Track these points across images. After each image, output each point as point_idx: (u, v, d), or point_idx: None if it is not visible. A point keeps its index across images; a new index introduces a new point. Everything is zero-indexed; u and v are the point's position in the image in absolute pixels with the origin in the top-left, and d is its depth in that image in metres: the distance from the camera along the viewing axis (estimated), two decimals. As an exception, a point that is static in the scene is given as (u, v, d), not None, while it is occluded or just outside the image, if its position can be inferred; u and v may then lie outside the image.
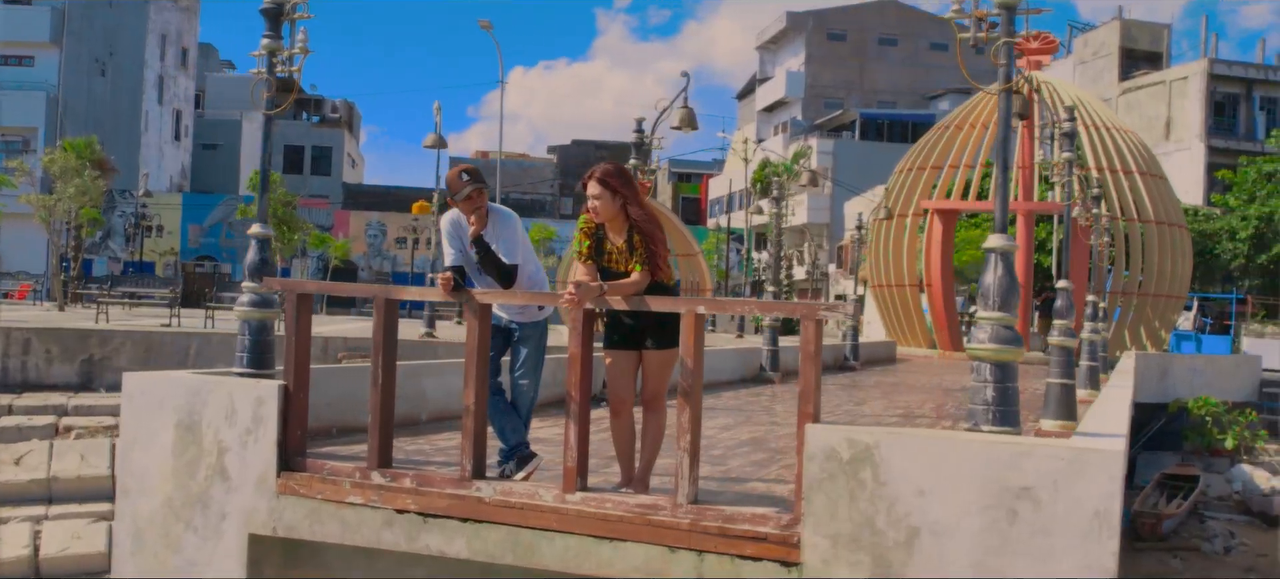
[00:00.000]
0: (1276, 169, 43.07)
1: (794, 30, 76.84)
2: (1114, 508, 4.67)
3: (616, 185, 5.53)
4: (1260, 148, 51.27)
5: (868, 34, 75.87)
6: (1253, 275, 41.77)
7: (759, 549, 5.16)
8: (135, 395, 6.53)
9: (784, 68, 77.16)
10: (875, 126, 69.76)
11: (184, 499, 6.37)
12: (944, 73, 76.08)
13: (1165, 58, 63.69)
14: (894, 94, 76.19)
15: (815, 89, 75.31)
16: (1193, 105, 56.16)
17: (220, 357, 20.20)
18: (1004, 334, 5.24)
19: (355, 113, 72.32)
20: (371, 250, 55.24)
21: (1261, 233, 41.01)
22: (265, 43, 6.79)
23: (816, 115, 73.93)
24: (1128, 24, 64.04)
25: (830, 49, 75.59)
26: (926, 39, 77.07)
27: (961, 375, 19.21)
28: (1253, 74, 57.12)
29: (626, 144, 62.22)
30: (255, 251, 6.77)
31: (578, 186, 5.76)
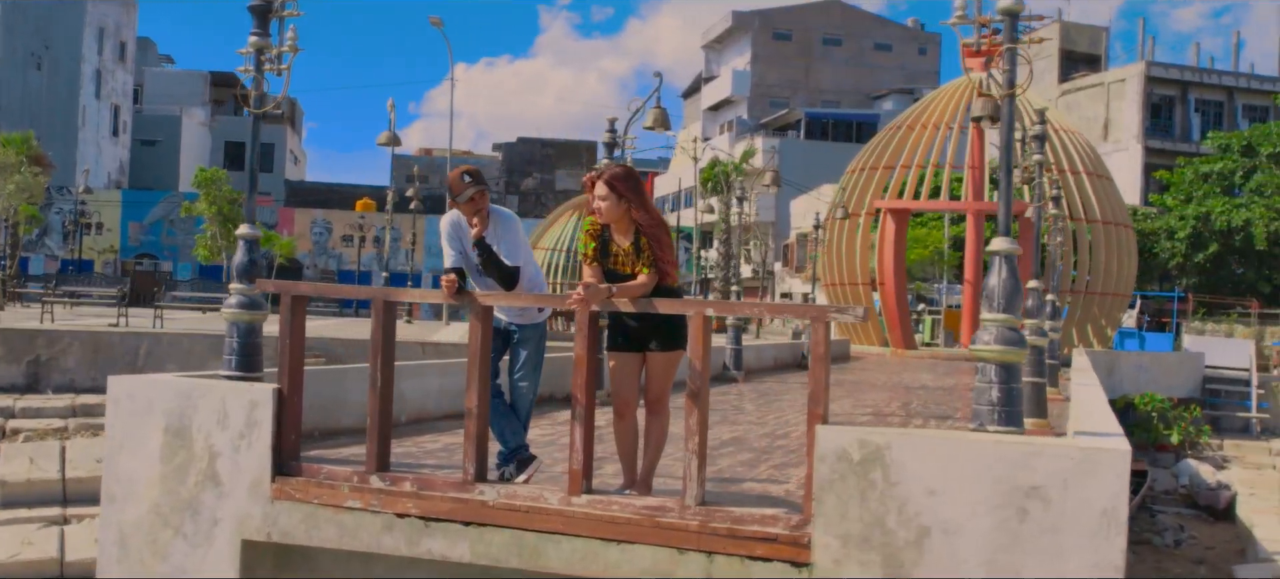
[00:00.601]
0: (1213, 170, 44.15)
1: (740, 30, 77.23)
2: (1122, 506, 4.75)
3: (623, 190, 5.51)
4: (1196, 149, 52.49)
5: (813, 34, 76.46)
6: (1190, 274, 42.76)
7: (769, 550, 5.18)
8: (121, 399, 6.40)
9: (730, 67, 77.51)
10: (820, 126, 70.34)
11: (173, 505, 6.25)
12: (887, 73, 76.98)
13: (1104, 60, 64.99)
14: (838, 94, 76.86)
15: (761, 88, 75.74)
16: (1130, 107, 57.35)
17: (171, 357, 19.86)
18: (1009, 335, 5.32)
19: (297, 109, 71.42)
20: (317, 248, 54.58)
21: (1199, 232, 42.01)
22: (253, 40, 6.68)
23: (762, 114, 74.38)
24: (1067, 26, 65.21)
25: (776, 49, 76.07)
26: (870, 39, 77.86)
27: (917, 373, 19.45)
28: (1188, 77, 58.45)
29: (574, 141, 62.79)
30: (243, 253, 6.66)
31: (582, 184, 5.73)
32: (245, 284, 6.61)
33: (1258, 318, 36.20)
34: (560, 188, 79.20)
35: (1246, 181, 42.87)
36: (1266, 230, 40.17)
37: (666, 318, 5.64)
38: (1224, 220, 41.51)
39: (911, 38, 79.13)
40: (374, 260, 53.27)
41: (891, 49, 78.16)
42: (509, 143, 79.20)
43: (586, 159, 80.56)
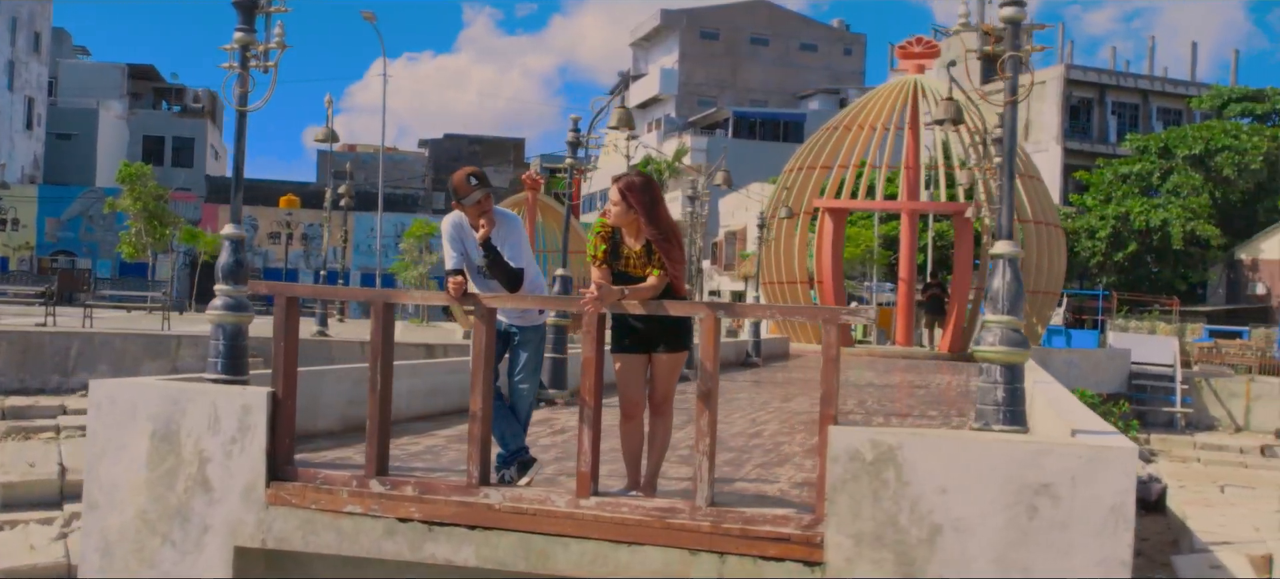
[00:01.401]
0: (1131, 171, 45.42)
1: (668, 28, 77.48)
2: (1129, 502, 4.88)
3: (633, 201, 5.51)
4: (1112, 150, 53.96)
5: (740, 34, 77.00)
6: (1109, 273, 43.94)
7: (782, 550, 5.22)
8: (104, 404, 6.22)
9: (658, 65, 77.72)
10: (748, 125, 70.88)
11: (160, 512, 6.10)
12: (813, 73, 77.82)
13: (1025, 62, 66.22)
14: (765, 93, 77.52)
15: (689, 87, 76.08)
16: (1050, 108, 58.66)
17: (102, 358, 19.38)
18: (1012, 337, 5.43)
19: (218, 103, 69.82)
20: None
21: (1118, 231, 43.19)
22: (238, 36, 6.54)
23: (690, 113, 74.72)
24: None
25: (703, 47, 76.46)
26: (796, 40, 78.64)
27: (860, 371, 19.67)
28: (1105, 80, 59.98)
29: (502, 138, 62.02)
30: (229, 253, 6.52)
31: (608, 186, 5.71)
32: (231, 285, 6.47)
33: (1178, 316, 37.33)
34: (488, 185, 78.65)
35: (1164, 182, 44.17)
36: (1183, 230, 41.43)
37: (672, 320, 5.66)
38: (1142, 220, 42.73)
39: (837, 38, 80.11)
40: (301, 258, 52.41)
41: (817, 49, 79.03)
42: (435, 139, 78.55)
43: (514, 156, 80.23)
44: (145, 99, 63.83)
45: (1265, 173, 42.60)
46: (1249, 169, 42.14)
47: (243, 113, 6.58)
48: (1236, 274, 43.68)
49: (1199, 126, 45.37)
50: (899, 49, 28.69)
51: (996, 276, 5.53)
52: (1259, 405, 24.54)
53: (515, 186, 79.26)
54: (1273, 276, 42.43)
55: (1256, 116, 47.20)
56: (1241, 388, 25.03)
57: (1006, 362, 5.43)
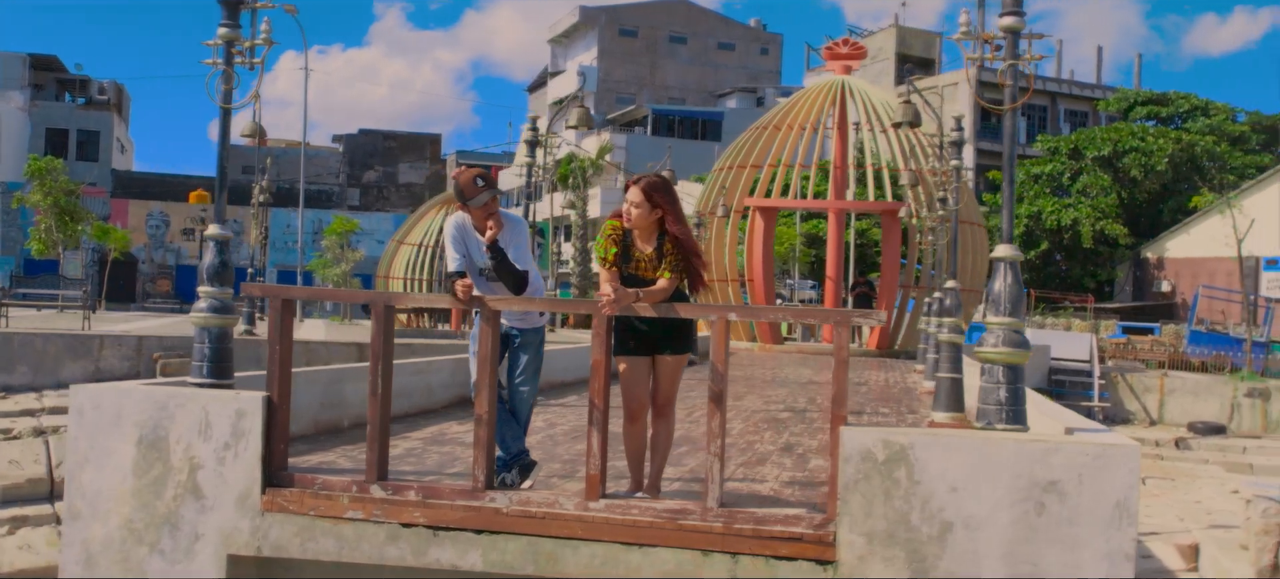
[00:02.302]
0: (1043, 172, 46.70)
1: (586, 25, 77.42)
2: (1133, 498, 5.04)
3: (659, 200, 5.52)
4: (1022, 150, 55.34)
5: (659, 32, 77.28)
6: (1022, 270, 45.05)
7: (795, 549, 5.28)
8: (86, 410, 6.03)
9: (576, 62, 77.61)
10: (666, 123, 71.16)
11: (147, 520, 5.93)
12: (730, 73, 78.46)
13: (938, 64, 67.78)
14: (683, 91, 77.93)
15: (608, 84, 76.13)
16: (962, 109, 59.97)
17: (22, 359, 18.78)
18: (1014, 338, 5.56)
19: (124, 95, 67.82)
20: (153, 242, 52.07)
21: (1030, 230, 44.37)
22: (223, 32, 6.38)
23: (609, 110, 74.75)
24: (903, 31, 67.77)
25: (622, 45, 76.57)
26: (714, 39, 79.18)
27: (795, 368, 19.87)
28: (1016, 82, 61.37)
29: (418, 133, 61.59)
30: (214, 254, 6.36)
31: (625, 188, 5.68)
32: (215, 287, 6.31)
33: (1093, 312, 38.46)
34: (403, 181, 77.85)
35: (1074, 183, 45.49)
36: (1092, 229, 42.73)
37: (677, 322, 5.69)
38: (1054, 219, 43.96)
39: (754, 38, 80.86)
40: (216, 255, 51.08)
41: (735, 48, 79.68)
42: (350, 134, 77.29)
43: (430, 152, 79.38)
44: (48, 90, 61.68)
45: (1170, 174, 44.12)
46: (1155, 170, 43.60)
47: (227, 111, 6.42)
48: (1142, 272, 45.16)
49: (1107, 129, 46.83)
50: (826, 49, 29.07)
51: (997, 279, 5.66)
52: (1172, 399, 25.39)
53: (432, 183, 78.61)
54: (1177, 274, 43.96)
55: (1161, 119, 48.88)
56: (1155, 383, 25.86)
57: (1008, 362, 5.56)
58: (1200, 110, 47.89)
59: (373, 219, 57.81)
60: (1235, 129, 47.37)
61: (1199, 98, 48.59)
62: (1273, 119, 48.76)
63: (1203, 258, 42.77)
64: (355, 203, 72.19)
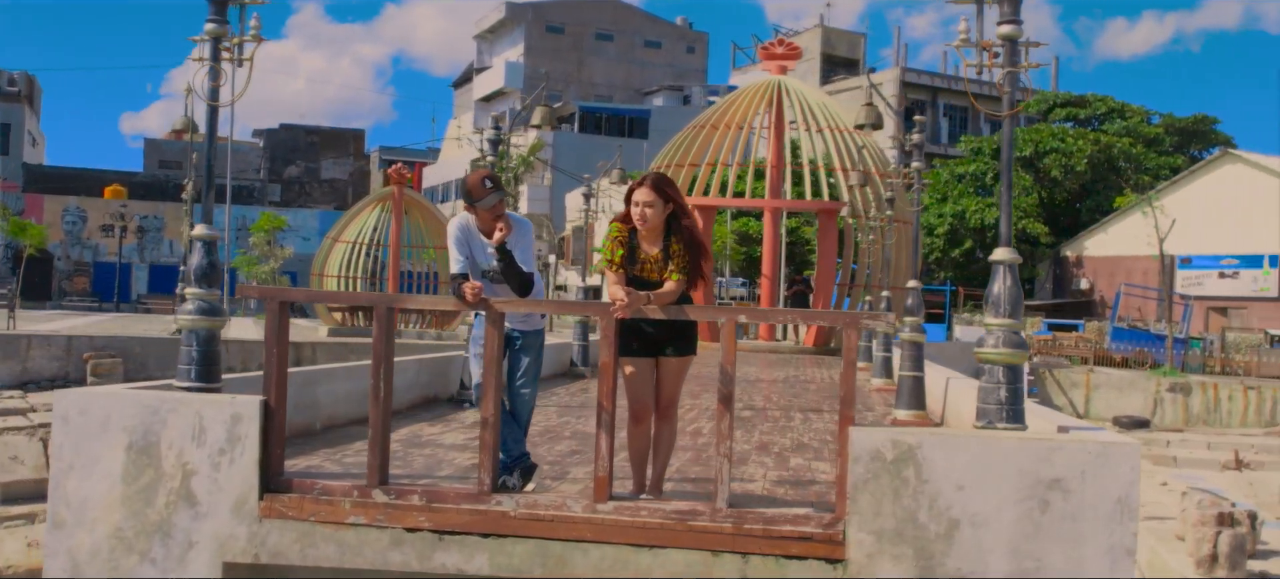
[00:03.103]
0: (966, 171, 47.66)
1: (513, 21, 77.02)
2: (1134, 494, 5.19)
3: (671, 194, 5.54)
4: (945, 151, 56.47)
5: (585, 29, 77.19)
6: (947, 268, 46.01)
7: (805, 548, 5.34)
8: (72, 416, 5.85)
9: (503, 58, 77.20)
10: (594, 120, 71.15)
11: (138, 529, 5.78)
12: (657, 71, 78.66)
13: (861, 64, 68.73)
14: (610, 88, 77.93)
15: (534, 81, 75.73)
16: (887, 110, 60.83)
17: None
18: (1013, 339, 5.68)
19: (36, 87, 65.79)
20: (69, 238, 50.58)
21: (955, 228, 45.29)
22: (210, 27, 6.25)
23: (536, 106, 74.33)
24: (828, 31, 68.59)
25: (549, 41, 76.32)
26: (641, 36, 79.32)
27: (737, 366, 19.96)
28: (938, 83, 62.67)
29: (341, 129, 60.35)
30: (202, 255, 6.22)
31: (627, 193, 5.67)
32: (204, 288, 6.17)
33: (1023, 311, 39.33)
34: (326, 177, 76.70)
35: (997, 182, 46.47)
36: (1015, 229, 43.71)
37: (681, 323, 5.71)
38: (977, 218, 44.88)
39: (680, 36, 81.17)
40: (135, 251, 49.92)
41: (661, 46, 79.90)
42: (271, 129, 75.92)
43: (353, 148, 78.30)
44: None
45: (1089, 175, 45.31)
46: (1074, 171, 44.76)
47: (214, 108, 6.28)
48: (1062, 270, 46.34)
49: (1029, 130, 47.92)
50: (761, 49, 29.33)
51: (996, 282, 5.78)
52: (1098, 394, 26.14)
53: (356, 179, 77.57)
54: (1095, 272, 45.20)
55: (1078, 121, 50.17)
56: (1082, 378, 26.61)
57: (1008, 362, 5.68)
58: (1116, 112, 49.29)
59: (298, 216, 56.85)
60: (1150, 131, 48.84)
61: (1115, 100, 49.99)
62: (1185, 121, 50.38)
63: (1120, 256, 44.05)
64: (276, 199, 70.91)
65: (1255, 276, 39.68)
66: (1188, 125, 50.09)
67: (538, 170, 62.14)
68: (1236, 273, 39.63)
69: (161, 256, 52.08)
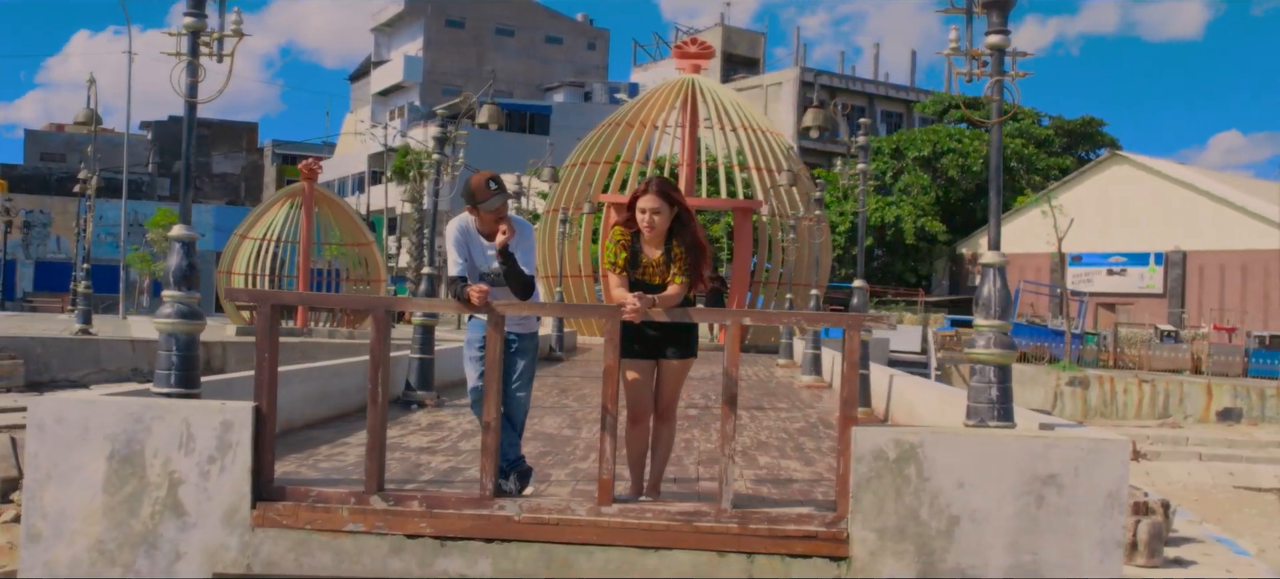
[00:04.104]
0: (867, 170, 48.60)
1: (412, 14, 75.95)
2: (1123, 489, 5.40)
3: (676, 196, 5.56)
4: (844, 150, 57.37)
5: (486, 23, 76.53)
6: (848, 265, 46.85)
7: (809, 547, 5.42)
8: (48, 424, 5.61)
9: (402, 52, 76.09)
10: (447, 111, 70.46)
11: (121, 540, 5.58)
12: (558, 67, 78.45)
13: (762, 63, 69.59)
14: (511, 84, 77.38)
15: (434, 75, 74.90)
16: (786, 109, 61.83)
17: None
18: (1003, 340, 5.85)
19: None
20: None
21: (856, 227, 46.19)
22: (188, 21, 6.05)
23: (435, 101, 73.35)
24: (729, 30, 69.24)
25: (449, 35, 75.48)
26: (542, 32, 78.96)
27: None
28: (836, 83, 63.78)
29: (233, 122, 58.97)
30: (181, 256, 6.02)
31: (629, 198, 5.66)
32: (183, 291, 5.98)
33: (924, 306, 40.30)
34: (218, 171, 74.71)
35: (896, 182, 47.55)
36: (914, 226, 44.76)
37: (681, 326, 5.74)
38: (878, 217, 45.83)
39: (581, 32, 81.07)
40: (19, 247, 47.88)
41: (562, 42, 79.67)
42: (159, 121, 73.54)
43: (246, 142, 76.42)
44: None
45: (985, 174, 46.61)
46: (971, 171, 46.03)
47: (192, 105, 6.09)
48: (958, 267, 47.61)
49: (927, 130, 49.15)
50: (676, 49, 29.52)
51: (986, 284, 5.94)
52: (1002, 388, 27.04)
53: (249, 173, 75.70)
54: (989, 269, 46.53)
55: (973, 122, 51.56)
56: (986, 372, 27.45)
57: (999, 363, 5.85)
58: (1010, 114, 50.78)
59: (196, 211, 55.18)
60: (1041, 133, 50.47)
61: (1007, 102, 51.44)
62: (1073, 123, 52.19)
63: (1014, 254, 45.42)
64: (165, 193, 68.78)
65: (1142, 274, 41.37)
66: (1076, 127, 51.93)
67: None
68: (1124, 270, 41.25)
69: (48, 253, 50.15)
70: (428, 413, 10.30)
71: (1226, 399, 26.42)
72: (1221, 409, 26.30)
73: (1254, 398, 26.21)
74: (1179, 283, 40.92)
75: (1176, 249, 39.71)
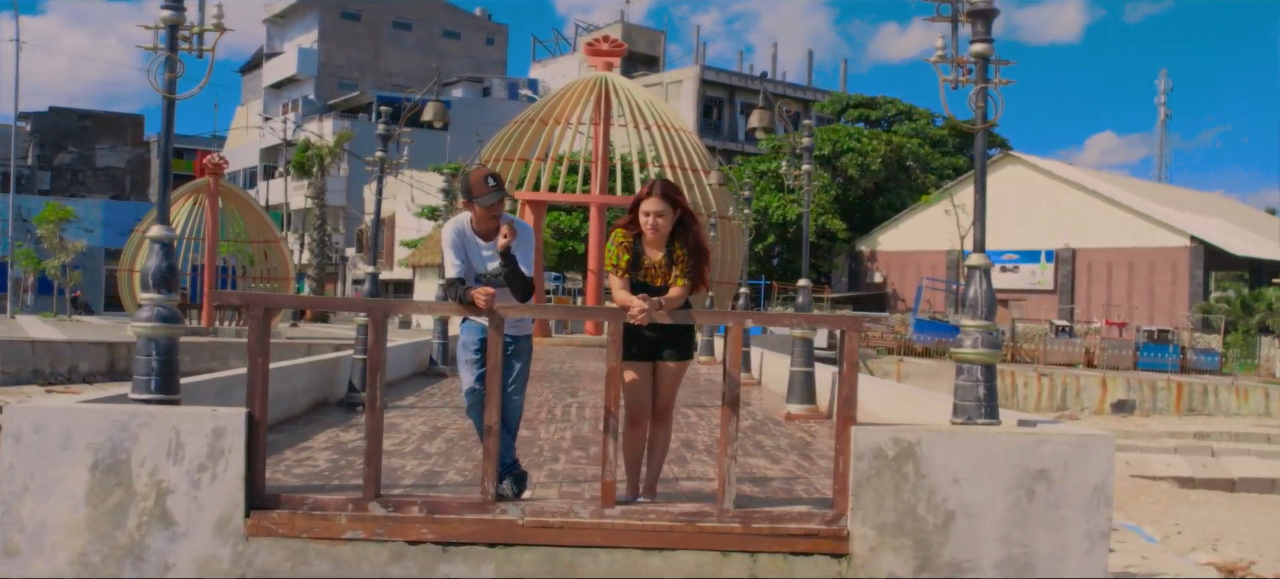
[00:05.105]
0: (768, 168, 49.27)
1: (306, 6, 74.42)
2: (1109, 482, 5.61)
3: (680, 201, 5.57)
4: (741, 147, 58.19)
5: (382, 16, 75.36)
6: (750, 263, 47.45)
7: (811, 545, 5.50)
8: (25, 433, 5.37)
9: (295, 44, 74.46)
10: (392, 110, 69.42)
11: (105, 553, 5.38)
12: (457, 61, 77.65)
13: (661, 61, 69.93)
14: (408, 78, 76.31)
15: (329, 68, 73.52)
16: (686, 106, 62.28)
17: None
18: (990, 339, 6.01)
19: None
20: None
21: (758, 225, 46.70)
22: (166, 14, 5.86)
23: (330, 95, 72.24)
24: (629, 28, 69.40)
25: (345, 28, 74.16)
26: (439, 26, 78.11)
27: (569, 361, 19.93)
28: (735, 82, 64.46)
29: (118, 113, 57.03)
30: (160, 257, 5.82)
31: (633, 202, 5.66)
32: (163, 294, 5.79)
33: (830, 303, 40.98)
34: (102, 164, 72.07)
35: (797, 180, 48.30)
36: (815, 224, 45.49)
37: (679, 328, 5.77)
38: (779, 214, 46.49)
39: (480, 27, 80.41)
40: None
41: (460, 37, 78.94)
42: (39, 112, 70.61)
43: (132, 135, 73.84)
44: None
45: (882, 173, 47.67)
46: (869, 169, 47.00)
47: (171, 101, 5.90)
48: (857, 264, 48.59)
49: (827, 129, 50.00)
50: (587, 46, 29.49)
51: (973, 286, 6.10)
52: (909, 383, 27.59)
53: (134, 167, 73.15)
54: (888, 266, 47.60)
55: (870, 122, 52.68)
56: (893, 367, 28.06)
57: (985, 362, 6.01)
58: (905, 114, 52.04)
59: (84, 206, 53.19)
60: (936, 133, 51.78)
61: (903, 103, 52.78)
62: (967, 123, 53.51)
63: (911, 251, 46.57)
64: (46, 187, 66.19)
65: (1034, 270, 42.77)
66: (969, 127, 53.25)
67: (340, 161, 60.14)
68: (1016, 267, 42.60)
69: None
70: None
71: (1120, 391, 27.51)
72: (1115, 401, 27.39)
73: (1145, 390, 27.33)
74: (1069, 279, 42.44)
75: (1066, 246, 41.17)
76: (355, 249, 64.76)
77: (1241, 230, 45.41)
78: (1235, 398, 26.79)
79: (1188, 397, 27.10)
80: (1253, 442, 23.43)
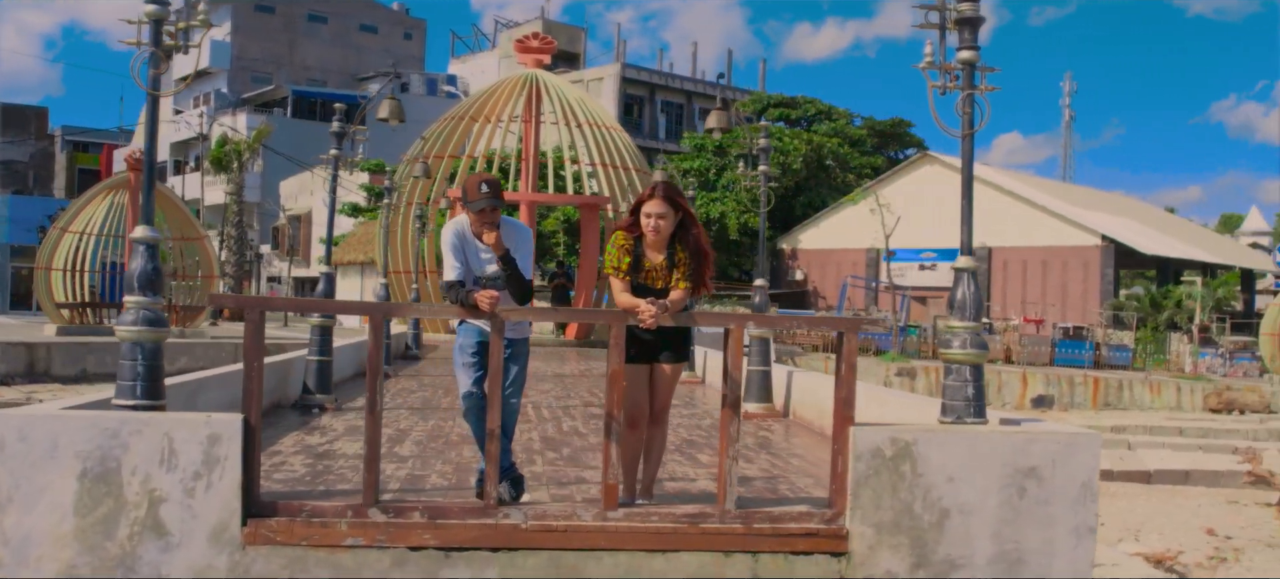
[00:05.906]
0: (691, 167, 49.51)
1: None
2: (1095, 479, 5.78)
3: (682, 203, 5.59)
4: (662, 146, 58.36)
5: (297, 10, 74.07)
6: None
7: (811, 544, 5.57)
8: (9, 441, 5.18)
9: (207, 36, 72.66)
10: (307, 105, 68.42)
11: (95, 565, 5.22)
12: (374, 56, 76.64)
13: (582, 58, 69.79)
14: (324, 72, 75.18)
15: (242, 62, 72.01)
16: (607, 104, 62.21)
17: None
18: (978, 340, 6.14)
19: None
20: None
21: (683, 222, 47.05)
22: (150, 9, 5.70)
23: (243, 89, 70.81)
24: (549, 24, 69.16)
25: (259, 21, 72.68)
26: (356, 20, 77.00)
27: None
28: (656, 80, 64.65)
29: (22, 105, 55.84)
30: (145, 259, 5.66)
31: (634, 204, 5.65)
32: (147, 296, 5.63)
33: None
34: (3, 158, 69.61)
35: (719, 178, 48.61)
36: (738, 222, 45.88)
37: (676, 330, 5.79)
38: (703, 212, 46.75)
39: (397, 21, 79.42)
40: None
41: (377, 31, 77.92)
42: (-65, 104, 67.93)
43: (36, 127, 71.47)
44: None
45: (803, 172, 48.22)
46: (791, 168, 47.50)
47: (155, 97, 5.74)
48: (778, 262, 49.08)
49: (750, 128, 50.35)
50: (517, 44, 29.30)
51: (959, 288, 6.21)
52: (837, 379, 28.10)
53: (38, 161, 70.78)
54: (809, 264, 48.18)
55: (790, 121, 53.26)
56: (821, 365, 28.40)
57: (973, 362, 6.13)
58: (824, 114, 52.71)
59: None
60: (854, 133, 52.55)
61: (823, 103, 53.47)
62: (884, 124, 54.58)
63: (830, 250, 47.22)
64: (-57, 182, 63.75)
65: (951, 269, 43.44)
66: (886, 128, 54.33)
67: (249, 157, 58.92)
68: (934, 265, 43.40)
69: None
70: (332, 417, 9.98)
71: (1040, 387, 28.25)
72: (1035, 396, 28.11)
73: (1063, 385, 28.11)
74: (985, 277, 43.40)
75: (983, 245, 42.09)
76: (271, 246, 63.53)
77: (1148, 229, 46.92)
78: (1149, 392, 27.68)
79: (1104, 391, 27.93)
80: (1166, 435, 24.22)
